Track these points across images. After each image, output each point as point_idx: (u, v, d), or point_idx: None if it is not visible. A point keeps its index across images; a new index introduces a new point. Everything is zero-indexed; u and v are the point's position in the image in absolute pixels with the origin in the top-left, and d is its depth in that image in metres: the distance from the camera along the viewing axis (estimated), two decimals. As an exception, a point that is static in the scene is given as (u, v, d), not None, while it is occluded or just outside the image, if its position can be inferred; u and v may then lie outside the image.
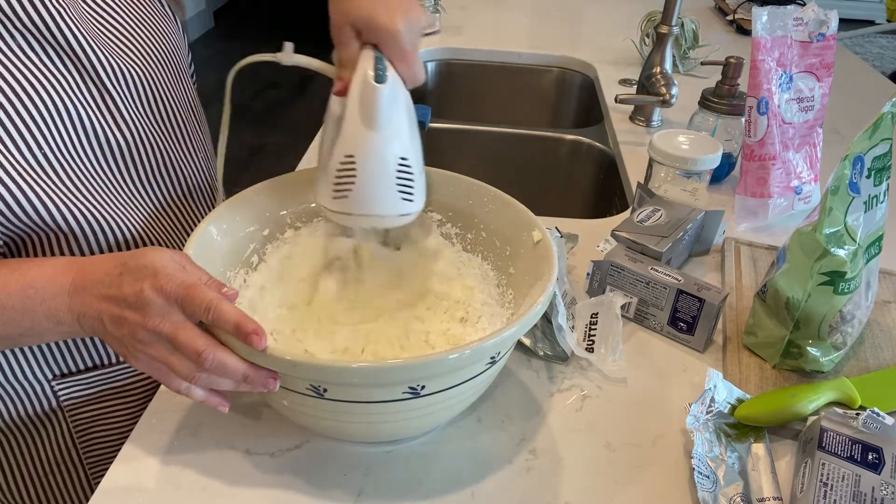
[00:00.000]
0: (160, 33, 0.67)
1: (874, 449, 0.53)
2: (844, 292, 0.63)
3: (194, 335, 0.48)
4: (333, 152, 0.56)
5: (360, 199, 0.57)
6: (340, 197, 0.57)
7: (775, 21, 0.85)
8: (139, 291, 0.48)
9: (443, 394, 0.50)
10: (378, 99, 0.54)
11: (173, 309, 0.48)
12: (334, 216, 0.59)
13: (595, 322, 0.68)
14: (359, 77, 0.54)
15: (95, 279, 0.50)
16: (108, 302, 0.49)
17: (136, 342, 0.49)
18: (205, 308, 0.47)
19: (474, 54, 1.54)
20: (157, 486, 0.53)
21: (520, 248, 0.62)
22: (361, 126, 0.55)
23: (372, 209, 0.58)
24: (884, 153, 0.62)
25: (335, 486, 0.54)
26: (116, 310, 0.49)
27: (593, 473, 0.56)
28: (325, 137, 0.58)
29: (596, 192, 1.25)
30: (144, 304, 0.47)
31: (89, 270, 0.51)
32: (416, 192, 0.58)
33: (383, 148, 0.56)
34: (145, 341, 0.48)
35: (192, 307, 0.48)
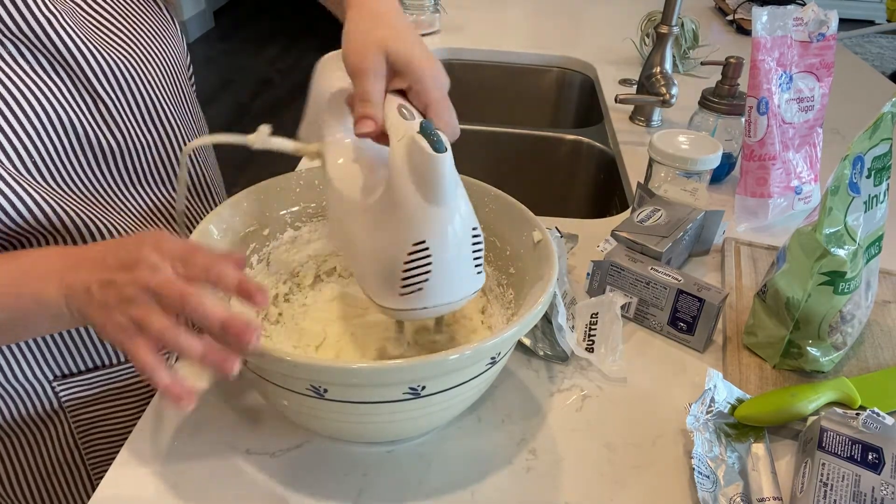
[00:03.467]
0: (156, 35, 0.66)
1: (874, 449, 0.53)
2: (844, 292, 0.63)
3: (181, 285, 0.44)
4: (390, 241, 0.48)
5: (436, 290, 0.49)
6: (412, 293, 0.49)
7: (775, 21, 0.85)
8: (136, 254, 0.45)
9: (443, 394, 0.50)
10: (443, 170, 0.45)
11: (166, 266, 0.44)
12: (400, 314, 0.51)
13: (595, 322, 0.68)
14: (408, 146, 0.46)
15: (90, 258, 0.48)
16: (100, 270, 0.46)
17: (120, 302, 0.44)
18: (205, 266, 0.44)
19: (474, 54, 1.54)
20: (158, 485, 0.53)
21: (520, 248, 0.62)
22: (425, 204, 0.46)
23: (452, 296, 0.50)
24: (884, 153, 0.62)
25: (335, 486, 0.54)
26: (107, 274, 0.45)
27: (593, 473, 0.56)
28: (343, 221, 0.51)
29: (596, 192, 1.25)
30: (138, 262, 0.44)
31: (83, 253, 0.49)
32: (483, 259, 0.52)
33: (456, 224, 0.48)
34: (130, 298, 0.44)
35: (192, 265, 0.44)
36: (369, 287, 0.52)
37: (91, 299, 0.46)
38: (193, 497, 0.52)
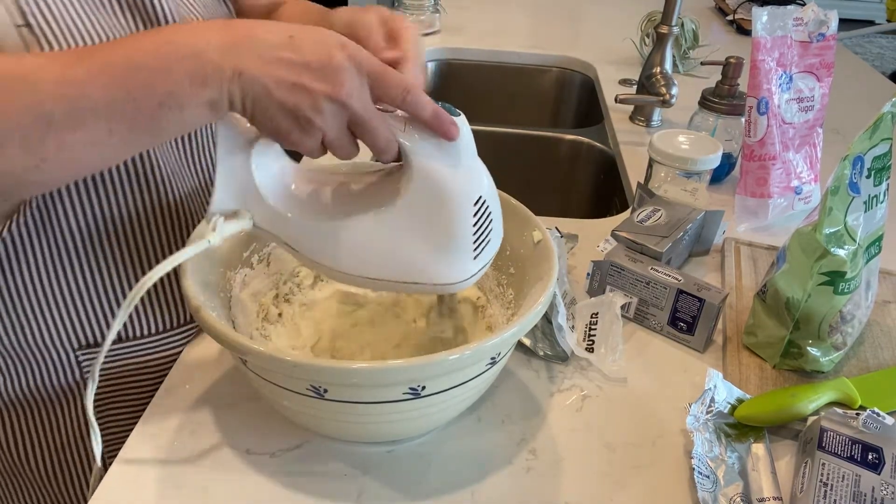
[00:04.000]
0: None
1: (874, 449, 0.53)
2: (844, 292, 0.63)
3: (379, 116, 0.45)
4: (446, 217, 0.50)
5: (496, 236, 0.54)
6: (483, 249, 0.53)
7: (775, 21, 0.85)
8: (327, 57, 0.43)
9: (443, 394, 0.50)
10: (467, 129, 0.50)
11: (364, 85, 0.44)
12: (474, 278, 0.53)
13: (595, 322, 0.68)
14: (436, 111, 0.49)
15: (255, 38, 0.43)
16: (280, 65, 0.43)
17: (312, 111, 0.43)
18: (403, 89, 0.44)
19: (474, 54, 1.54)
20: (157, 485, 0.53)
21: (520, 248, 0.62)
22: (462, 167, 0.50)
23: (501, 237, 0.55)
24: (884, 153, 0.62)
25: (335, 486, 0.54)
26: (292, 75, 0.43)
27: (593, 473, 0.56)
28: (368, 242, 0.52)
29: (596, 192, 1.25)
30: (335, 72, 0.42)
31: (242, 30, 0.44)
32: None
33: (487, 173, 0.53)
34: (325, 112, 0.43)
35: (387, 87, 0.44)
36: (434, 275, 0.52)
37: (267, 97, 0.43)
38: (194, 497, 0.52)
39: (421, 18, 1.57)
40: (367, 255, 0.52)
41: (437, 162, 0.49)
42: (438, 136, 0.48)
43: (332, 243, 0.52)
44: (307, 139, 0.45)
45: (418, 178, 0.50)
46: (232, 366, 0.63)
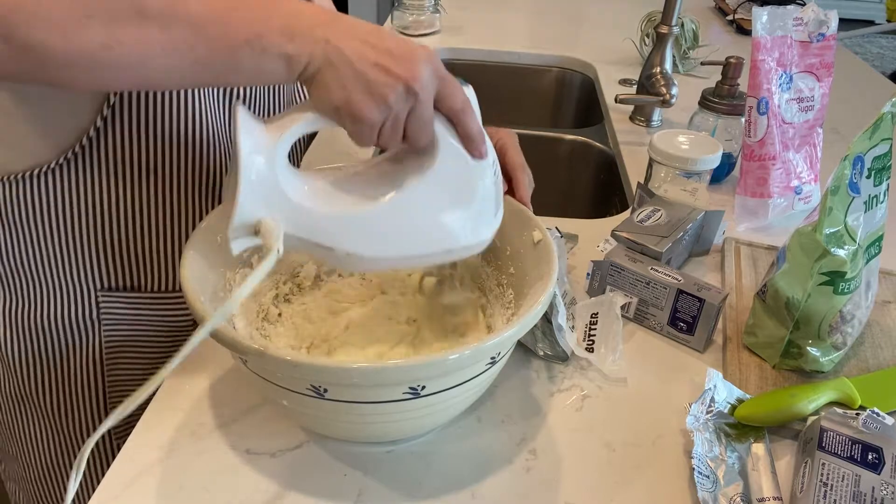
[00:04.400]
0: None
1: (874, 449, 0.53)
2: (844, 292, 0.63)
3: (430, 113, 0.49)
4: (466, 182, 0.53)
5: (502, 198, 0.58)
6: (500, 205, 0.57)
7: (775, 21, 0.85)
8: (410, 51, 0.47)
9: (443, 394, 0.50)
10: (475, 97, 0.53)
11: (434, 86, 0.48)
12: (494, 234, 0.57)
13: (595, 322, 0.68)
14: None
15: (350, 21, 0.48)
16: (366, 45, 0.46)
17: (387, 89, 0.46)
18: (463, 101, 0.49)
19: (474, 54, 1.54)
20: (158, 485, 0.53)
21: (520, 248, 0.62)
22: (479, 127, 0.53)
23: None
24: (884, 153, 0.62)
25: (335, 486, 0.54)
26: (375, 54, 0.46)
27: (593, 473, 0.56)
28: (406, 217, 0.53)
29: (596, 192, 1.25)
30: (415, 64, 0.46)
31: (342, 16, 0.48)
32: None
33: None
34: (398, 94, 0.46)
35: (452, 95, 0.49)
36: (466, 236, 0.55)
37: (345, 63, 0.46)
38: (194, 497, 0.52)
39: (421, 18, 1.57)
40: (403, 232, 0.53)
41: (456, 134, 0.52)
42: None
43: (366, 229, 0.52)
44: (375, 113, 0.47)
45: (446, 149, 0.52)
46: (232, 366, 0.63)
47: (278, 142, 0.48)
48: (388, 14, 1.63)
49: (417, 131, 0.49)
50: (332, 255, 0.53)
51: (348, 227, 0.52)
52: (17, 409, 0.72)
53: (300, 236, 0.51)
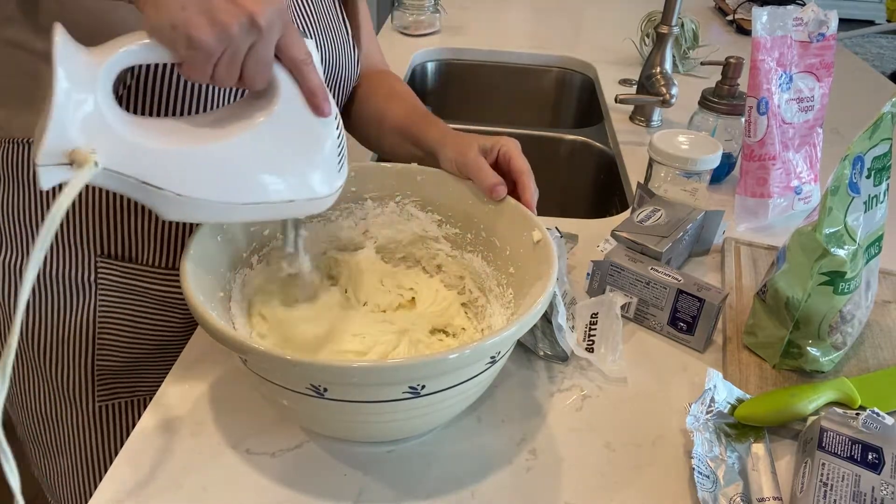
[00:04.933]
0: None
1: (874, 449, 0.53)
2: (844, 292, 0.63)
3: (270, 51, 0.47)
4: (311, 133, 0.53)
5: (347, 158, 0.58)
6: (343, 163, 0.57)
7: (775, 21, 0.85)
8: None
9: (443, 393, 0.50)
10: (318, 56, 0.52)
11: (278, 29, 0.47)
12: (339, 191, 0.57)
13: (595, 322, 0.68)
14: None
15: None
16: None
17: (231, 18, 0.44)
18: (306, 53, 0.49)
19: (474, 54, 1.54)
20: (158, 485, 0.53)
21: (520, 248, 0.62)
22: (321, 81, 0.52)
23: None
24: (884, 153, 0.62)
25: (335, 486, 0.54)
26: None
27: (593, 473, 0.56)
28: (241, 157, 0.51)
29: (596, 192, 1.25)
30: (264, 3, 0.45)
31: None
32: None
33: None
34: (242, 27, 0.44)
35: (293, 45, 0.48)
36: (306, 189, 0.54)
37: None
38: (193, 497, 0.52)
39: (421, 18, 1.57)
40: (241, 177, 0.51)
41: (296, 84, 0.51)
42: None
43: (200, 170, 0.49)
44: (212, 41, 0.44)
45: (288, 96, 0.50)
46: (232, 366, 0.63)
47: (101, 66, 0.45)
48: (388, 14, 1.63)
49: (255, 71, 0.47)
50: (161, 197, 0.49)
51: (178, 165, 0.49)
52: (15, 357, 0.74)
53: (125, 173, 0.47)
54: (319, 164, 0.54)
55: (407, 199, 0.69)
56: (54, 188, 0.47)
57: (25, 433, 0.81)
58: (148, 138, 0.48)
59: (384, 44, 1.53)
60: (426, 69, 1.54)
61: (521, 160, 0.66)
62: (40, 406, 0.77)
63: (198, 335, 0.67)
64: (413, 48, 1.51)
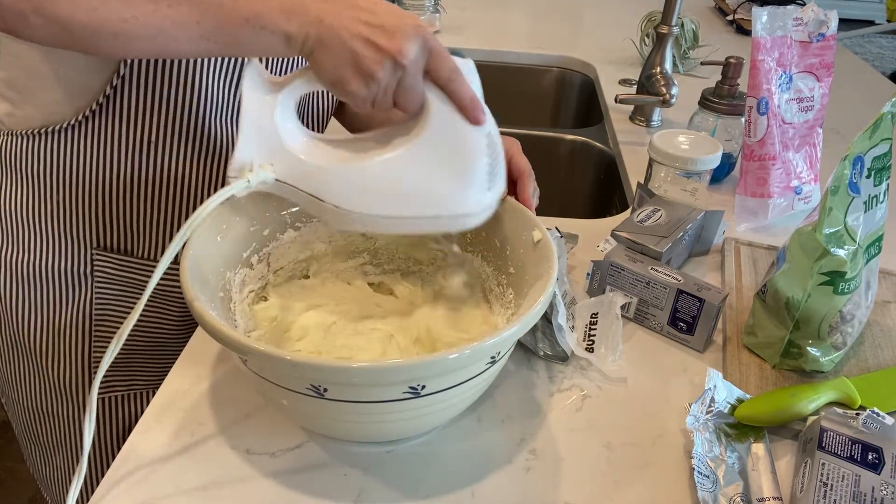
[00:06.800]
0: None
1: (874, 449, 0.53)
2: (844, 292, 0.63)
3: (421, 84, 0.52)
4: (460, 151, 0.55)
5: (503, 176, 0.60)
6: (495, 181, 0.58)
7: (775, 21, 0.85)
8: (401, 25, 0.50)
9: (443, 393, 0.50)
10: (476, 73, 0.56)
11: (423, 57, 0.51)
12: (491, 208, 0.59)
13: (595, 322, 0.68)
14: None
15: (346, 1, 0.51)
16: (358, 22, 0.50)
17: (375, 65, 0.50)
18: (453, 69, 0.52)
19: (474, 54, 1.54)
20: (158, 485, 0.53)
21: (520, 248, 0.62)
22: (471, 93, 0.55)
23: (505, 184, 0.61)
24: (884, 153, 0.62)
25: (335, 486, 0.54)
26: (366, 31, 0.49)
27: (593, 473, 0.56)
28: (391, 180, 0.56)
29: (596, 192, 1.25)
30: (404, 38, 0.49)
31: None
32: None
33: (492, 116, 0.57)
34: (385, 69, 0.50)
35: (441, 64, 0.51)
36: (454, 205, 0.57)
37: (343, 47, 0.50)
38: (194, 497, 0.52)
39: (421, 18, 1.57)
40: (392, 192, 0.56)
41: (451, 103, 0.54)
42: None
43: (356, 185, 0.55)
44: (363, 89, 0.51)
45: (437, 115, 0.54)
46: (232, 366, 0.63)
47: (279, 93, 0.53)
48: (388, 14, 1.63)
49: (406, 100, 0.53)
50: (321, 208, 0.56)
51: (336, 180, 0.55)
52: (10, 353, 0.76)
53: (293, 184, 0.55)
54: (468, 179, 0.56)
55: (407, 199, 0.69)
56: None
57: (22, 431, 0.82)
58: (313, 156, 0.55)
59: (384, 44, 1.53)
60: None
61: (522, 160, 0.66)
62: (36, 402, 0.77)
63: (198, 335, 0.67)
64: (413, 48, 1.51)
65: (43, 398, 0.77)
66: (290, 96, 0.54)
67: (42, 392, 0.76)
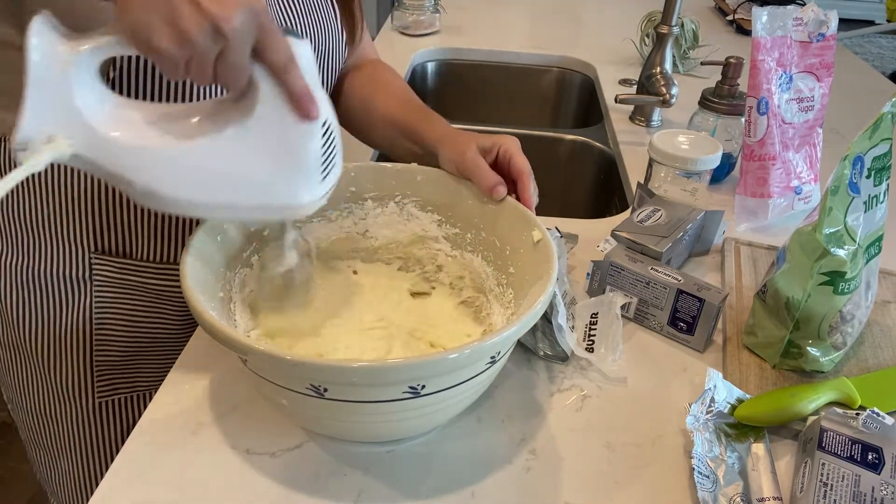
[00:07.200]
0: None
1: (874, 449, 0.53)
2: (844, 292, 0.63)
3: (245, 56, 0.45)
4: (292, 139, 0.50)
5: (339, 166, 0.55)
6: (331, 171, 0.54)
7: (775, 21, 0.85)
8: None
9: (443, 393, 0.50)
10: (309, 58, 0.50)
11: (252, 33, 0.44)
12: (323, 199, 0.55)
13: (595, 322, 0.68)
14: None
15: None
16: None
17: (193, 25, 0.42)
18: (288, 58, 0.46)
19: (474, 54, 1.54)
20: (157, 485, 0.53)
21: (520, 248, 0.62)
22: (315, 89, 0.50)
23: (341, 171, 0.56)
24: (884, 153, 0.62)
25: (335, 486, 0.54)
26: None
27: (593, 473, 0.56)
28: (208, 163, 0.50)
29: (596, 192, 1.25)
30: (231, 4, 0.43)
31: None
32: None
33: (331, 103, 0.53)
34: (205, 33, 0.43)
35: (274, 48, 0.45)
36: (282, 195, 0.53)
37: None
38: (194, 497, 0.52)
39: (421, 18, 1.57)
40: (216, 178, 0.50)
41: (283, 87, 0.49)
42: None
43: (174, 168, 0.49)
44: (173, 48, 0.43)
45: (268, 99, 0.49)
46: (232, 366, 0.63)
47: (74, 57, 0.45)
48: (388, 14, 1.63)
49: (227, 77, 0.46)
50: (131, 190, 0.50)
51: (149, 162, 0.49)
52: (13, 357, 0.76)
53: (97, 161, 0.48)
54: (300, 170, 0.52)
55: (407, 199, 0.69)
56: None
57: (27, 435, 0.82)
58: (120, 133, 0.48)
59: (384, 44, 1.53)
60: (426, 69, 1.54)
61: (522, 160, 0.66)
62: (40, 405, 0.77)
63: (198, 334, 0.67)
64: (413, 48, 1.51)
65: (46, 402, 0.77)
66: (91, 59, 0.46)
67: (45, 395, 0.76)
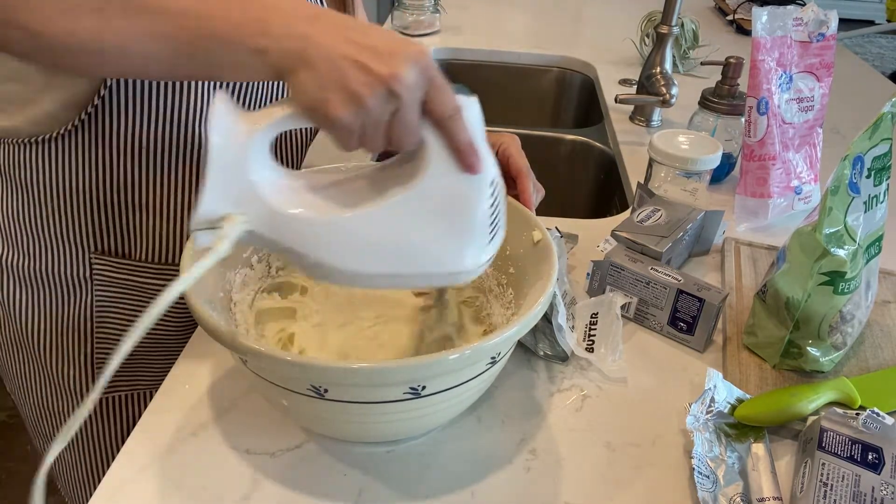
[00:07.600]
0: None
1: (874, 449, 0.53)
2: (844, 292, 0.63)
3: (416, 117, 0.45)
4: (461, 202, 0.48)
5: (503, 227, 0.53)
6: (497, 232, 0.52)
7: (775, 21, 0.85)
8: (396, 49, 0.43)
9: (443, 394, 0.50)
10: (478, 113, 0.48)
11: (421, 88, 0.43)
12: (488, 263, 0.52)
13: (595, 322, 0.68)
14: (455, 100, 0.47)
15: (332, 16, 0.45)
16: (348, 43, 0.43)
17: (365, 89, 0.42)
18: (454, 108, 0.45)
19: (474, 54, 1.54)
20: (157, 485, 0.53)
21: (519, 248, 0.62)
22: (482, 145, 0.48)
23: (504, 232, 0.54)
24: (884, 153, 0.62)
25: (335, 486, 0.54)
26: (356, 51, 0.42)
27: (593, 473, 0.56)
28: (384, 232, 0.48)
29: (596, 192, 1.25)
30: (400, 62, 0.42)
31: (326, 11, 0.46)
32: None
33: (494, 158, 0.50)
34: (377, 96, 0.42)
35: (442, 100, 0.44)
36: (448, 261, 0.50)
37: (330, 66, 0.43)
38: (194, 497, 0.52)
39: (421, 18, 1.57)
40: (382, 247, 0.49)
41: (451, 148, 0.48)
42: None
43: (341, 239, 0.48)
44: (349, 116, 0.43)
45: (435, 162, 0.47)
46: (232, 366, 0.63)
47: (252, 135, 0.45)
48: (388, 14, 1.63)
49: (401, 137, 0.45)
50: (302, 262, 0.50)
51: (319, 233, 0.48)
52: (16, 354, 0.77)
53: (270, 237, 0.48)
54: (466, 234, 0.50)
55: (407, 199, 0.69)
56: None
57: (33, 427, 0.82)
58: (292, 206, 0.48)
59: (384, 44, 1.53)
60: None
61: (521, 159, 0.66)
62: (45, 400, 0.78)
63: (198, 335, 0.67)
64: (413, 48, 1.51)
65: (51, 398, 0.77)
66: (267, 135, 0.46)
67: (49, 392, 0.77)
